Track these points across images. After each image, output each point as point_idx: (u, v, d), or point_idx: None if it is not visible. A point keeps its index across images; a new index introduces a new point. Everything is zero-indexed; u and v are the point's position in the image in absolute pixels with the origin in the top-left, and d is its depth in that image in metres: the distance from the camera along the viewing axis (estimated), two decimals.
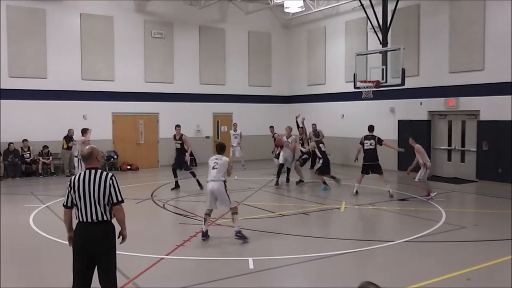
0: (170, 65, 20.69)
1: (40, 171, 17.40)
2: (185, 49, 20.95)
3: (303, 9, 20.36)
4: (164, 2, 20.18)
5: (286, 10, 20.83)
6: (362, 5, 16.81)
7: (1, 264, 7.20)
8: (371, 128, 13.75)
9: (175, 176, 14.36)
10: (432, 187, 12.90)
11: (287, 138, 15.25)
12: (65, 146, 17.62)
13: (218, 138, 22.10)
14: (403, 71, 14.59)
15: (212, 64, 21.72)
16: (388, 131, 18.44)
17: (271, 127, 19.12)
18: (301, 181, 15.19)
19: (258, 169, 18.94)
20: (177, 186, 14.36)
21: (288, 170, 15.51)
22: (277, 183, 14.97)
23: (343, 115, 20.65)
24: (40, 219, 10.23)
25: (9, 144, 16.90)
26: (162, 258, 7.39)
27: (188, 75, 21.10)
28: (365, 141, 13.49)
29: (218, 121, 22.18)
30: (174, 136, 14.65)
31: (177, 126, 14.76)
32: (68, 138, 17.64)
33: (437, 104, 16.82)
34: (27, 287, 6.48)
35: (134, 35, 19.76)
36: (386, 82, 15.16)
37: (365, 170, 13.41)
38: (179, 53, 20.84)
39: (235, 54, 22.32)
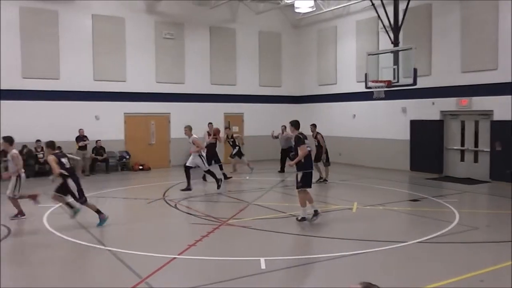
0: (181, 66, 20.77)
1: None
2: (195, 49, 21.01)
3: (314, 9, 20.31)
4: (174, 2, 20.25)
5: (296, 10, 20.81)
6: (373, 4, 16.73)
7: (15, 263, 7.29)
8: None
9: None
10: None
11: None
12: (76, 147, 17.78)
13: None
14: (415, 70, 14.49)
15: (222, 65, 21.76)
16: (399, 131, 18.40)
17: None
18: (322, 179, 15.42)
19: (268, 169, 18.91)
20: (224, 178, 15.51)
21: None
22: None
23: (354, 115, 20.59)
24: (54, 218, 10.32)
25: (23, 146, 17.14)
26: (175, 257, 7.42)
27: (199, 75, 21.15)
28: None
29: (229, 121, 22.18)
30: (208, 132, 16.16)
31: (210, 123, 16.33)
32: (79, 138, 17.80)
33: (450, 104, 16.69)
34: (38, 287, 6.53)
35: (145, 36, 19.86)
36: (397, 82, 15.08)
37: None
38: (190, 53, 20.90)
39: (246, 54, 22.34)
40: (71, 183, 9.50)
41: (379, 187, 14.64)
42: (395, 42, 15.96)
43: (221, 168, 16.30)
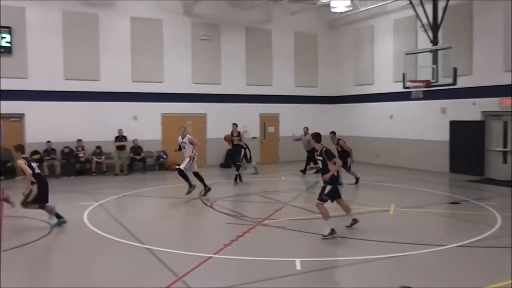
0: (217, 67, 20.95)
1: (93, 170, 18.02)
2: (231, 50, 21.14)
3: (351, 8, 20.10)
4: (210, 3, 20.41)
5: (332, 10, 20.63)
6: (411, 3, 16.44)
7: (53, 260, 7.52)
8: None
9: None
10: None
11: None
12: (114, 147, 18.21)
13: (265, 139, 22.20)
14: (455, 70, 14.16)
15: (258, 65, 21.81)
16: (438, 132, 18.00)
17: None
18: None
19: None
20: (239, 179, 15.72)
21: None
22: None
23: (391, 116, 20.27)
24: (94, 216, 10.59)
25: (64, 147, 17.79)
26: (210, 257, 7.48)
27: (235, 76, 21.28)
28: None
29: (264, 122, 22.24)
30: (232, 133, 15.96)
31: (234, 124, 16.19)
32: (118, 138, 18.23)
33: (491, 104, 16.18)
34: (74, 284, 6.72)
35: (182, 37, 20.12)
36: (436, 81, 14.76)
37: None
38: (226, 54, 21.05)
39: (281, 54, 22.31)
40: (35, 188, 9.40)
41: (418, 189, 14.34)
42: (434, 41, 15.63)
43: (237, 169, 15.84)
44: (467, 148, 16.93)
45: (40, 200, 9.52)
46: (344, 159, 14.47)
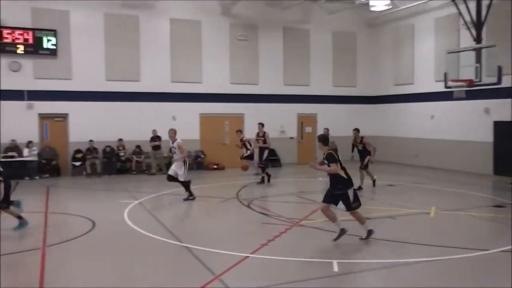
0: (255, 67, 21.02)
1: (133, 169, 18.42)
2: (269, 50, 21.18)
3: (390, 7, 19.78)
4: (248, 3, 20.48)
5: (371, 9, 20.36)
6: (454, 0, 16.03)
7: (94, 256, 7.73)
8: None
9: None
10: None
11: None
12: (150, 147, 18.54)
13: (302, 139, 22.12)
14: (500, 69, 13.73)
15: (296, 65, 21.75)
16: (482, 133, 17.47)
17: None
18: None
19: None
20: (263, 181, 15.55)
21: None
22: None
23: (432, 116, 19.81)
24: (134, 214, 10.82)
25: (106, 146, 18.29)
26: (247, 256, 7.52)
27: (273, 76, 21.30)
28: None
29: (302, 122, 22.16)
30: (258, 134, 15.95)
31: (260, 123, 16.17)
32: (152, 138, 18.53)
33: None
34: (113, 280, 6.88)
35: (220, 38, 20.30)
36: (480, 81, 14.34)
37: None
38: (264, 54, 21.10)
39: (319, 54, 22.17)
40: (1, 187, 9.06)
41: (459, 191, 13.97)
42: (478, 39, 15.20)
43: (262, 171, 15.75)
44: None
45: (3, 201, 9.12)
46: (363, 157, 14.23)
